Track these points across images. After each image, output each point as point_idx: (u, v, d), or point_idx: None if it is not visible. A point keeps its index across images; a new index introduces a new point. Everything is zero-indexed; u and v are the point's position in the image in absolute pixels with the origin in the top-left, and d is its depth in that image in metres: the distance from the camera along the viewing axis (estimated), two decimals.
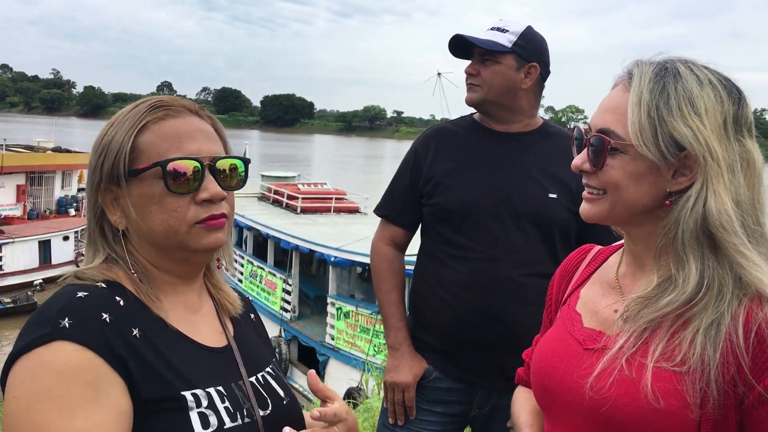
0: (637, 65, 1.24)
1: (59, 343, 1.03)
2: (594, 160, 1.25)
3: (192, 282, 1.31)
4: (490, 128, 2.49)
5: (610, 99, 1.26)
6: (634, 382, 1.16)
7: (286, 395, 1.34)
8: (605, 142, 1.22)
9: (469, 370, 2.40)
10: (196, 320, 1.28)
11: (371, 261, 2.64)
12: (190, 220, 1.19)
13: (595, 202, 1.28)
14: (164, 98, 1.27)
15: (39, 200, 28.27)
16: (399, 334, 2.50)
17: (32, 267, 24.19)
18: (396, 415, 2.48)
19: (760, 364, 1.10)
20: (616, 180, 1.22)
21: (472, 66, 2.44)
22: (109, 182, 1.20)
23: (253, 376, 1.29)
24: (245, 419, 1.19)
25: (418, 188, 2.50)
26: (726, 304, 1.13)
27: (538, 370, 1.39)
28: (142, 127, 1.20)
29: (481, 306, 2.33)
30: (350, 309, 14.50)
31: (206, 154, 1.22)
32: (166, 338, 1.17)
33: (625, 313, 1.24)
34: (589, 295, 1.41)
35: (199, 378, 1.17)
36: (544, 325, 1.60)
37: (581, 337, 1.33)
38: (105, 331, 1.08)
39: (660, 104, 1.17)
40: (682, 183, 1.19)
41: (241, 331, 1.39)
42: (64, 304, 1.08)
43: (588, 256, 1.52)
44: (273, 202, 22.14)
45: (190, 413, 1.11)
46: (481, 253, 2.35)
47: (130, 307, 1.15)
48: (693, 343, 1.13)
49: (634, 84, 1.21)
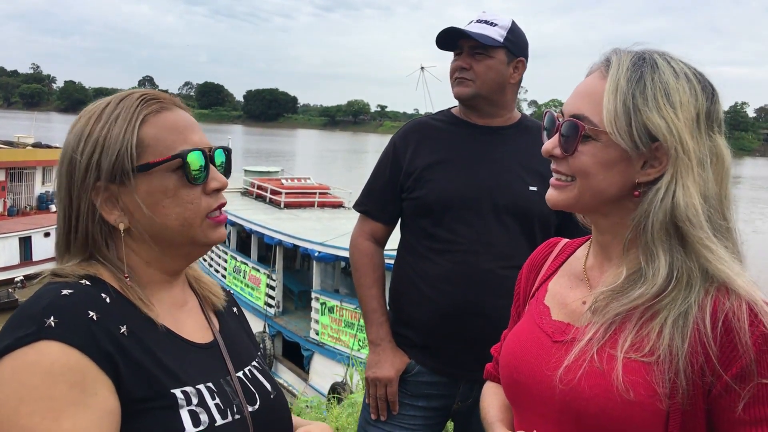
0: (615, 53, 1.25)
1: (45, 342, 1.01)
2: (565, 146, 1.24)
3: (179, 277, 1.30)
4: (470, 122, 2.50)
5: (585, 85, 1.26)
6: (604, 374, 1.16)
7: (273, 389, 1.33)
8: (579, 127, 1.22)
9: (451, 364, 2.41)
10: (182, 316, 1.27)
11: (351, 256, 2.63)
12: (204, 210, 1.21)
13: (563, 189, 1.27)
14: (150, 91, 1.25)
15: (19, 196, 27.92)
16: (380, 329, 2.50)
17: (13, 264, 23.90)
18: (378, 410, 2.48)
19: (727, 354, 1.11)
20: (586, 167, 1.22)
21: (464, 59, 2.42)
22: (109, 181, 1.16)
23: (240, 371, 1.29)
24: (235, 416, 1.18)
25: (399, 183, 2.50)
26: (695, 295, 1.15)
27: (506, 364, 1.39)
28: (142, 121, 1.18)
29: (463, 299, 2.34)
30: (335, 304, 14.48)
31: (205, 144, 1.23)
32: (154, 335, 1.16)
33: (594, 305, 1.25)
34: (557, 288, 1.41)
35: (189, 375, 1.16)
36: (512, 319, 1.60)
37: (550, 330, 1.33)
38: (92, 329, 1.05)
39: (636, 93, 1.18)
40: (651, 174, 1.20)
41: (227, 325, 1.38)
42: (48, 302, 1.06)
43: (555, 249, 1.53)
44: (256, 197, 22.02)
45: (181, 411, 1.10)
46: (463, 246, 2.36)
47: (116, 304, 1.13)
48: (661, 334, 1.15)
49: (612, 72, 1.21)
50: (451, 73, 2.48)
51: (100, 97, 1.25)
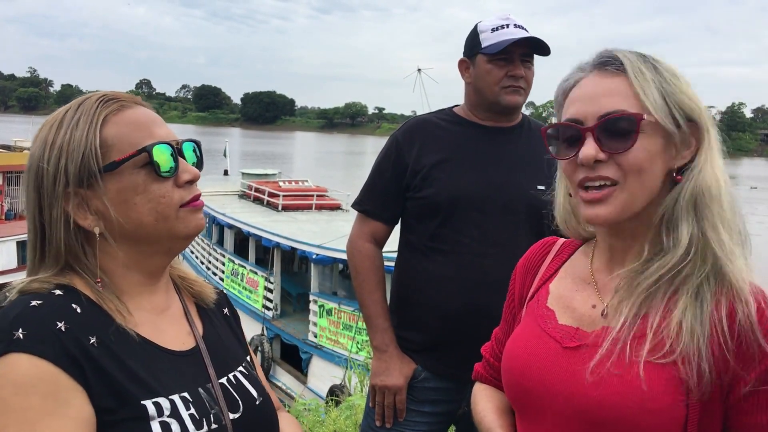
0: (616, 53, 1.23)
1: (14, 355, 1.00)
2: (617, 145, 1.18)
3: (158, 280, 1.27)
4: (476, 122, 2.48)
5: (600, 85, 1.22)
6: (624, 381, 1.14)
7: (260, 395, 1.31)
8: (636, 119, 1.17)
9: (458, 367, 2.36)
10: (162, 323, 1.24)
11: (350, 259, 2.57)
12: (177, 202, 1.19)
13: (608, 199, 1.19)
14: (107, 92, 1.23)
15: (16, 200, 27.89)
16: (385, 335, 2.45)
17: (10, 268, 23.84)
18: (384, 417, 2.44)
19: (746, 357, 1.11)
20: (640, 161, 1.18)
21: (519, 68, 2.38)
22: (78, 185, 1.15)
23: (223, 377, 1.26)
24: (212, 425, 1.15)
25: (404, 181, 2.46)
26: (708, 269, 1.15)
27: (512, 369, 1.36)
28: (103, 121, 1.17)
29: (471, 300, 2.31)
30: (333, 306, 14.45)
31: (173, 138, 1.22)
32: (127, 345, 1.14)
33: (620, 286, 1.23)
34: (561, 291, 1.38)
35: (162, 385, 1.13)
36: (505, 319, 1.57)
37: (558, 335, 1.30)
38: (61, 339, 1.04)
39: (662, 81, 1.19)
40: (687, 157, 1.21)
41: (212, 329, 1.35)
42: (16, 314, 1.04)
43: (553, 249, 1.49)
44: (254, 200, 22.00)
45: (151, 423, 1.08)
46: (470, 246, 2.34)
47: (87, 315, 1.11)
48: (680, 334, 1.13)
49: (629, 66, 1.20)
50: (496, 81, 2.39)
51: None
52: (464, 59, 2.52)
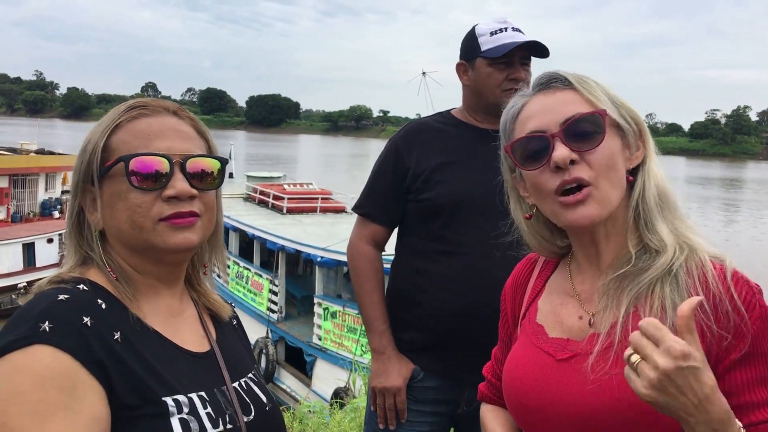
0: (558, 72, 1.32)
1: (38, 347, 1.02)
2: (586, 144, 1.22)
3: (172, 286, 1.30)
4: (474, 125, 2.50)
5: (551, 99, 1.30)
6: (620, 383, 1.13)
7: (269, 401, 1.34)
8: (602, 115, 1.24)
9: (457, 366, 2.39)
10: (179, 324, 1.27)
11: (350, 261, 2.59)
12: (154, 216, 1.18)
13: (590, 200, 1.22)
14: (144, 99, 1.27)
15: (22, 203, 27.99)
16: (383, 337, 2.47)
17: (16, 270, 23.95)
18: (387, 419, 2.45)
19: (725, 320, 1.14)
20: (608, 157, 1.23)
21: (519, 71, 2.40)
22: (87, 182, 1.21)
23: (236, 381, 1.29)
24: (227, 425, 1.18)
25: (405, 184, 2.47)
26: (684, 257, 1.21)
27: (512, 389, 1.37)
28: (116, 127, 1.21)
29: (473, 300, 2.32)
30: (337, 309, 14.47)
31: (178, 152, 1.22)
32: (148, 342, 1.16)
33: (607, 291, 1.26)
34: (548, 306, 1.40)
35: (181, 383, 1.16)
36: (501, 338, 1.58)
37: (550, 349, 1.32)
38: (85, 335, 1.06)
39: (605, 89, 1.29)
40: (638, 158, 1.29)
41: (224, 336, 1.38)
42: (44, 306, 1.07)
43: (537, 267, 1.51)
44: (259, 203, 22.01)
45: (171, 419, 1.10)
46: (472, 248, 2.35)
47: (111, 311, 1.14)
48: (665, 310, 1.17)
49: (574, 80, 1.29)
50: (497, 84, 2.41)
51: (103, 104, 1.29)
52: (462, 62, 2.54)
